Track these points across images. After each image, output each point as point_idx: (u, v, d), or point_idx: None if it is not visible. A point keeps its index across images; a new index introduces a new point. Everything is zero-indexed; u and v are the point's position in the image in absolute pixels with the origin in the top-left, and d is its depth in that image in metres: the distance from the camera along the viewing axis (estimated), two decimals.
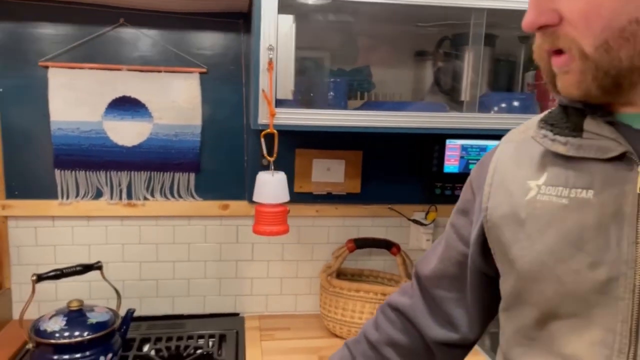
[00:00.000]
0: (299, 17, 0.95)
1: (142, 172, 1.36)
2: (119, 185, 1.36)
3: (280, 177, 1.00)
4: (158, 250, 1.41)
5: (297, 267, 1.48)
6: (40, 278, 1.10)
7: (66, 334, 1.07)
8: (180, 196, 1.39)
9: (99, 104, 1.31)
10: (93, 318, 1.11)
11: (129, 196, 1.37)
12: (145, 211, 1.38)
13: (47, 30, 1.28)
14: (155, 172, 1.37)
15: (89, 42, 1.29)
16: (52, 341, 1.05)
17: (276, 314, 1.48)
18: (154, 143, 1.35)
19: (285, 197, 1.01)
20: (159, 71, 1.31)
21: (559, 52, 0.51)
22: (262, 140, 0.95)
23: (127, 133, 1.34)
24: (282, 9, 0.90)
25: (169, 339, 1.30)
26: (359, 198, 1.43)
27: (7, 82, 1.29)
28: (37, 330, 1.07)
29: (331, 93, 0.99)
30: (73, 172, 1.33)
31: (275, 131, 0.94)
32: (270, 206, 0.98)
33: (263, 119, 0.93)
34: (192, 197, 1.39)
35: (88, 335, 1.08)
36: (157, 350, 1.24)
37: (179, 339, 1.31)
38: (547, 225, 0.56)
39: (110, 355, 1.11)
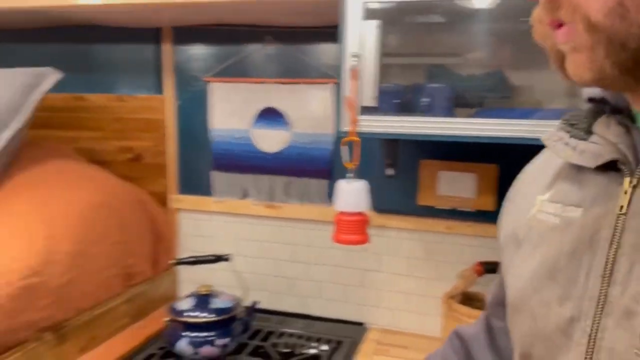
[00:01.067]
0: (398, 24, 0.92)
1: (282, 176, 1.47)
2: (262, 187, 1.49)
3: (358, 185, 0.97)
4: (294, 251, 1.50)
5: (426, 285, 1.40)
6: (178, 262, 1.29)
7: (192, 313, 1.22)
8: (313, 201, 1.46)
9: (248, 114, 1.47)
10: (216, 303, 1.25)
11: (270, 198, 1.49)
12: (284, 213, 1.48)
13: (210, 50, 1.48)
14: (293, 177, 1.46)
15: (242, 58, 1.46)
16: (180, 318, 1.21)
17: (401, 330, 1.43)
18: (292, 150, 1.45)
19: (364, 207, 0.98)
20: (297, 83, 1.41)
21: (561, 25, 0.40)
22: (344, 147, 0.95)
23: (270, 141, 1.46)
24: (370, 14, 0.89)
25: (291, 336, 1.37)
26: (493, 217, 1.29)
27: (184, 95, 1.53)
28: (172, 308, 1.25)
29: (425, 99, 0.93)
30: (226, 173, 1.52)
31: (358, 138, 0.92)
32: (347, 214, 0.96)
33: (346, 126, 0.92)
34: (325, 202, 1.45)
35: (210, 317, 1.21)
36: (277, 345, 1.32)
37: (300, 337, 1.37)
38: (535, 248, 0.47)
39: (227, 340, 1.22)
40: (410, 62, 0.96)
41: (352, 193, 0.96)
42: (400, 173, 1.34)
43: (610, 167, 0.41)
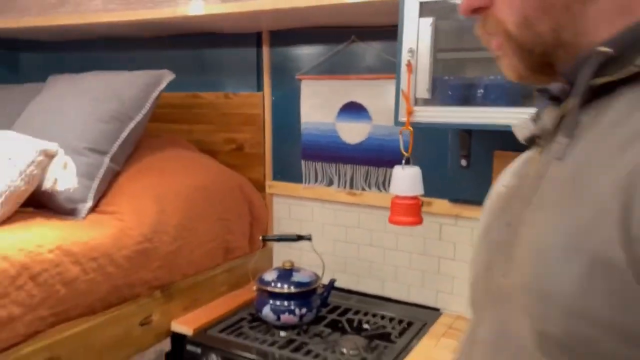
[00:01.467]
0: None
1: (362, 166, 1.58)
2: (345, 176, 1.61)
3: (411, 171, 1.04)
4: (372, 236, 1.60)
5: None
6: (266, 239, 1.46)
7: (276, 284, 1.38)
8: (390, 190, 1.54)
9: (333, 108, 1.59)
10: (296, 277, 1.40)
11: (351, 186, 1.61)
12: (363, 200, 1.59)
13: (302, 51, 1.64)
14: (372, 167, 1.56)
15: (329, 57, 1.59)
16: (266, 288, 1.38)
17: None
18: (372, 142, 1.55)
19: (417, 191, 1.05)
20: (378, 78, 1.50)
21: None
22: (400, 136, 1.02)
23: (352, 132, 1.57)
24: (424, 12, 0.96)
25: (366, 314, 1.48)
26: None
27: (278, 92, 1.71)
28: (260, 278, 1.42)
29: (480, 91, 0.98)
30: (313, 162, 1.66)
31: (411, 128, 1.00)
32: (401, 198, 1.04)
33: (402, 116, 1.00)
34: None
35: (290, 289, 1.36)
36: (352, 320, 1.44)
37: (374, 315, 1.47)
38: (486, 214, 0.56)
39: (304, 310, 1.37)
40: (463, 57, 1.02)
41: (406, 178, 1.04)
42: (474, 164, 1.38)
43: (534, 143, 0.51)
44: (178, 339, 1.38)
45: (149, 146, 1.60)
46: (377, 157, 1.54)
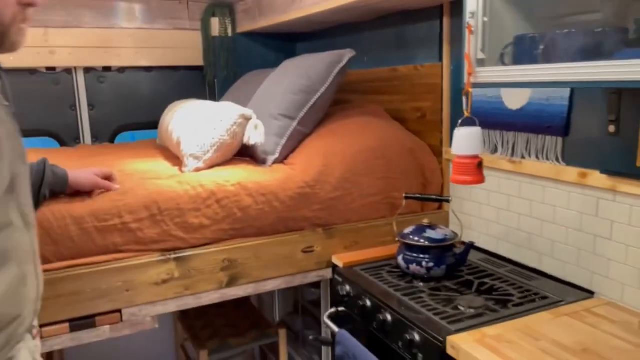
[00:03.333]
0: None
1: (522, 133, 1.52)
2: (507, 143, 1.58)
3: (467, 131, 1.02)
4: (532, 207, 1.53)
5: None
6: (408, 197, 1.60)
7: (409, 237, 1.52)
8: (548, 159, 1.45)
9: None
10: (429, 234, 1.50)
11: (513, 154, 1.57)
12: (522, 168, 1.53)
13: None
14: (531, 134, 1.49)
15: None
16: (403, 240, 1.54)
17: (633, 309, 1.27)
18: (531, 107, 1.48)
19: (474, 150, 1.02)
20: None
21: None
22: (464, 98, 1.03)
23: (515, 98, 1.53)
24: None
25: (505, 281, 1.46)
26: None
27: (455, 62, 1.77)
28: (401, 231, 1.58)
29: (541, 47, 0.90)
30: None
31: (470, 89, 1.00)
32: (462, 157, 1.03)
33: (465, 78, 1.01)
34: (557, 161, 1.42)
35: (420, 242, 1.49)
36: (484, 284, 1.46)
37: (511, 284, 1.44)
38: None
39: (432, 264, 1.47)
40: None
41: (465, 138, 1.04)
42: (620, 128, 1.20)
43: None
44: (334, 270, 1.68)
45: (342, 114, 1.92)
46: (536, 123, 1.47)
